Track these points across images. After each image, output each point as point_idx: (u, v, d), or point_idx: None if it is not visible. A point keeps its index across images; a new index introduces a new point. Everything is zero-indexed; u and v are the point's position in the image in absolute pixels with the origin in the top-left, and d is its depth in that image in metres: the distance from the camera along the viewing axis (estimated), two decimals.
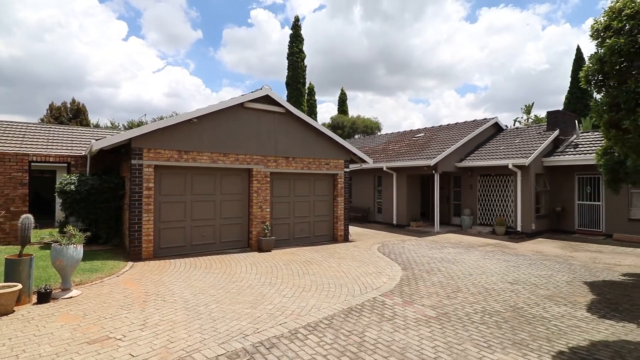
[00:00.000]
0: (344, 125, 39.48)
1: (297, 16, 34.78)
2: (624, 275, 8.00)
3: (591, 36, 4.64)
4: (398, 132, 22.33)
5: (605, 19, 4.49)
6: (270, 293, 6.24)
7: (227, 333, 4.49)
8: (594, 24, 4.63)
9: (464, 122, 18.36)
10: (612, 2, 4.52)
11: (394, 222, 16.08)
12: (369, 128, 40.50)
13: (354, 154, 12.63)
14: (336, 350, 4.08)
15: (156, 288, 6.39)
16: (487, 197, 14.97)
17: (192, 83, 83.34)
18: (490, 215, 14.83)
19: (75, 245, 5.80)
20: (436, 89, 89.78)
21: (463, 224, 15.05)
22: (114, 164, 11.21)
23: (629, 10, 4.16)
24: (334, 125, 39.69)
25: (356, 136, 39.10)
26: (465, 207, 15.46)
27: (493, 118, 17.25)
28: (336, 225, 12.26)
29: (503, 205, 14.44)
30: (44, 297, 5.45)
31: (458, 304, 5.81)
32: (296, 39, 34.99)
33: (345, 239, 12.26)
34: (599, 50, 4.44)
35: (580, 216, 14.01)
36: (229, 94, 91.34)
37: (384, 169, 16.00)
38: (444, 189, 16.35)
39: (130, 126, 42.64)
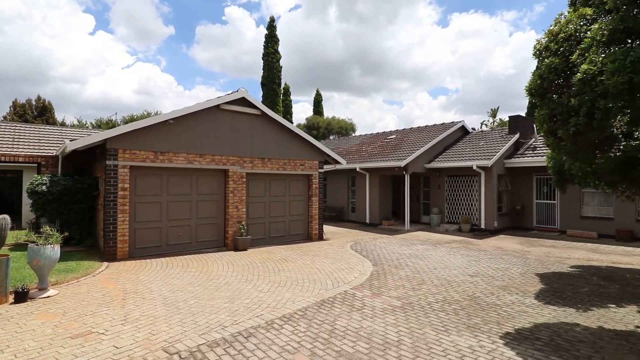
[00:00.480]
0: (319, 126, 39.93)
1: (273, 17, 34.93)
2: (571, 267, 8.82)
3: (534, 55, 5.26)
4: (371, 133, 22.99)
5: (545, 40, 5.12)
6: (247, 289, 6.53)
7: (206, 325, 4.76)
8: (536, 44, 5.26)
9: (433, 125, 19.20)
10: (551, 26, 5.16)
11: (367, 221, 16.64)
12: (344, 129, 41.16)
13: (328, 155, 13.05)
14: (309, 337, 4.45)
15: (134, 286, 6.53)
16: (454, 196, 15.79)
17: (163, 80, 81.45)
18: (456, 213, 15.65)
19: (52, 245, 5.88)
20: (409, 90, 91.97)
21: (432, 222, 15.81)
22: (86, 164, 11.10)
23: (564, 34, 4.78)
24: (309, 126, 40.05)
25: (331, 137, 39.65)
26: (433, 206, 16.23)
27: (460, 121, 18.15)
28: (311, 225, 12.63)
29: (468, 204, 15.28)
30: (21, 296, 5.51)
31: (422, 295, 6.31)
32: (271, 40, 35.12)
33: (320, 237, 12.65)
34: (541, 68, 5.06)
35: (538, 214, 15.05)
36: (202, 92, 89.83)
37: (358, 169, 16.53)
38: (414, 188, 17.07)
39: (99, 125, 41.32)
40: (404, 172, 15.10)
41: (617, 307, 5.89)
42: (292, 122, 37.88)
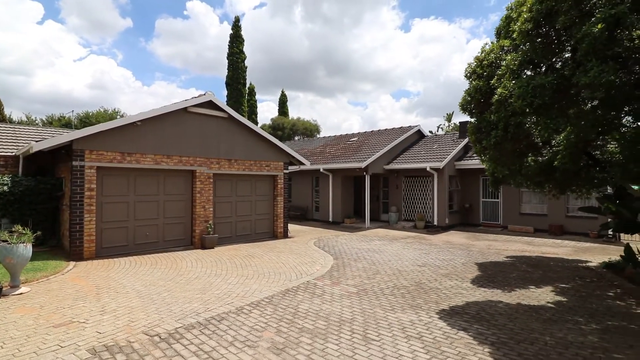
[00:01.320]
0: (284, 126, 40.40)
1: (237, 17, 34.97)
2: (507, 257, 10.04)
3: (465, 77, 6.22)
4: (334, 135, 23.86)
5: (474, 65, 6.09)
6: (217, 282, 7.03)
7: (181, 313, 5.25)
8: (467, 67, 6.23)
9: (392, 129, 20.37)
10: (478, 53, 6.15)
11: (330, 219, 17.43)
12: (309, 130, 41.89)
13: (293, 157, 13.66)
14: (275, 318, 5.08)
15: (106, 283, 6.83)
16: (411, 195, 16.96)
17: (120, 75, 78.25)
18: (412, 211, 16.82)
19: (25, 244, 6.07)
20: (373, 92, 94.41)
21: (390, 220, 16.88)
22: (49, 165, 10.98)
23: (487, 61, 5.76)
24: (274, 127, 40.40)
25: (296, 138, 40.25)
26: (392, 205, 17.32)
27: (416, 126, 19.43)
28: (276, 223, 13.19)
29: (423, 203, 16.49)
30: None
31: (375, 283, 7.12)
32: (236, 40, 35.14)
33: (285, 235, 13.25)
34: (469, 88, 6.02)
35: (484, 211, 16.54)
36: (162, 89, 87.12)
37: (321, 170, 17.28)
38: (374, 188, 18.08)
39: (50, 122, 39.26)
40: (365, 173, 16.03)
41: (536, 288, 7.00)
42: (257, 122, 38.07)
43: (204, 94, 11.21)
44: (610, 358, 4.04)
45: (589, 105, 5.28)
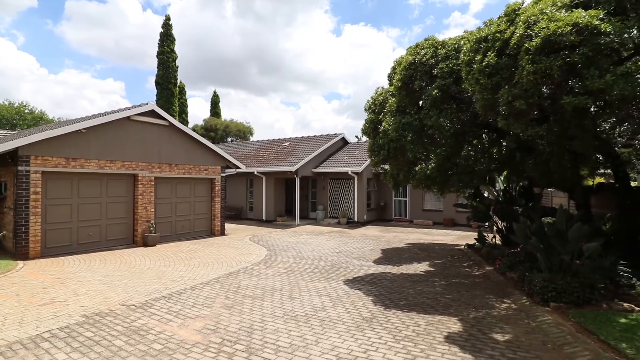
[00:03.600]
0: (217, 128, 40.72)
1: (168, 15, 34.61)
2: (406, 244, 12.68)
3: (364, 109, 8.44)
4: (267, 140, 25.46)
5: (370, 102, 8.33)
6: (169, 271, 8.35)
7: (146, 291, 6.60)
8: (366, 103, 8.45)
9: (320, 135, 22.62)
10: (374, 93, 8.42)
11: (264, 218, 19.05)
12: (242, 132, 42.70)
13: (230, 161, 15.06)
14: (223, 290, 6.70)
15: (66, 275, 7.76)
16: (335, 195, 19.31)
17: (20, 60, 70.19)
18: (337, 209, 19.18)
19: None
20: (306, 93, 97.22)
21: (317, 217, 19.03)
22: None
23: (378, 101, 8.01)
24: (207, 128, 40.50)
25: (229, 139, 40.84)
26: (319, 204, 19.51)
27: (341, 134, 21.90)
28: (214, 222, 14.49)
29: (346, 202, 18.93)
30: None
31: (301, 265, 9.04)
32: (167, 38, 34.75)
33: (222, 233, 14.60)
34: (367, 119, 8.24)
35: (395, 208, 19.52)
36: (73, 77, 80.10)
37: (255, 173, 18.82)
38: (303, 189, 20.12)
39: None
40: (295, 176, 17.95)
41: (417, 263, 9.50)
42: (187, 122, 37.87)
43: (147, 104, 12.15)
44: (443, 297, 6.42)
45: (447, 134, 7.76)
